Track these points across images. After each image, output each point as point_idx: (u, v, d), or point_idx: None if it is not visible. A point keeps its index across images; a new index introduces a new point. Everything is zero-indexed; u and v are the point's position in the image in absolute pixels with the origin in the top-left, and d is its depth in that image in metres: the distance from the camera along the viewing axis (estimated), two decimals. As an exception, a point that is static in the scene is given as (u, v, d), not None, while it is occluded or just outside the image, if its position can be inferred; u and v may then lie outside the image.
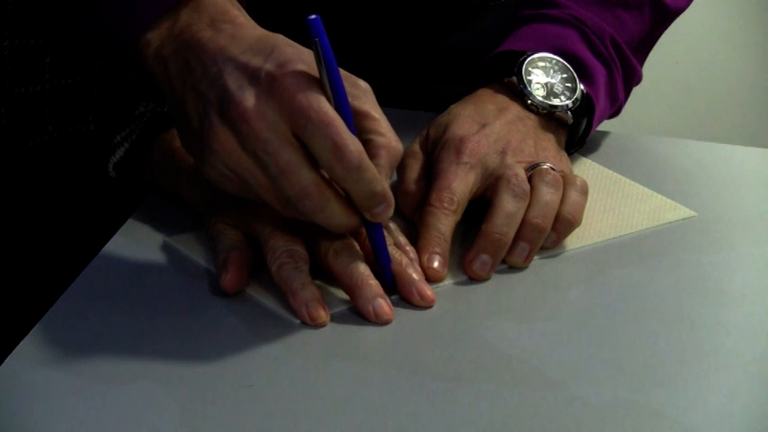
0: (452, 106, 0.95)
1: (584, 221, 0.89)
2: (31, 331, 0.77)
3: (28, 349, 0.76)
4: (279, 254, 0.80)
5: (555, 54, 0.97)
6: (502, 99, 0.95)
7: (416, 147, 0.93)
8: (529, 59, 0.96)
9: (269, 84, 0.77)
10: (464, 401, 0.73)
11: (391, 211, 0.80)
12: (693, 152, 1.05)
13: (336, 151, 0.76)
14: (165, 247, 0.87)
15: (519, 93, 0.95)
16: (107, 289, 0.82)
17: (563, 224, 0.87)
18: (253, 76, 0.78)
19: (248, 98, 0.77)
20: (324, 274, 0.82)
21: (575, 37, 0.98)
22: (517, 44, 0.98)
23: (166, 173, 0.91)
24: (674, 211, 0.93)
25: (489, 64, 0.98)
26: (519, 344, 0.78)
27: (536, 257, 0.87)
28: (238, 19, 0.82)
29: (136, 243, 0.86)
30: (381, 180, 0.79)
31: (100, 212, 0.97)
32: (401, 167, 0.93)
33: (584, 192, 0.89)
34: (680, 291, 0.85)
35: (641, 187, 0.96)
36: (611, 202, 0.94)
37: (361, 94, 0.81)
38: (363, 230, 0.82)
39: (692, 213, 0.93)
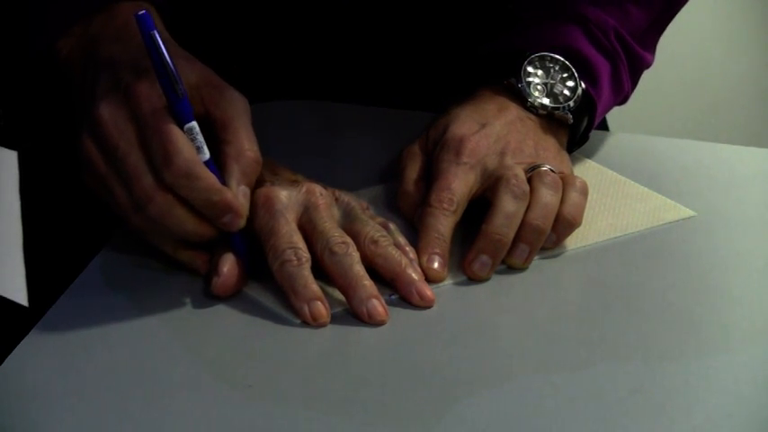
0: (452, 106, 0.95)
1: (584, 221, 0.89)
2: (31, 331, 0.77)
3: (28, 349, 0.76)
4: (280, 252, 0.80)
5: (556, 52, 0.96)
6: (502, 100, 0.95)
7: (416, 147, 0.93)
8: (528, 60, 0.96)
9: (125, 91, 0.80)
10: (464, 401, 0.73)
11: (241, 222, 0.80)
12: (693, 152, 1.05)
13: (165, 158, 0.78)
14: (165, 247, 0.87)
15: (518, 94, 0.95)
16: (107, 289, 0.82)
17: (563, 225, 0.87)
18: (116, 85, 0.80)
19: (105, 105, 0.80)
20: (324, 274, 0.82)
21: (577, 33, 0.98)
22: (518, 42, 0.98)
23: None
24: (674, 211, 0.93)
25: (489, 63, 0.98)
26: (519, 344, 0.78)
27: (536, 258, 0.87)
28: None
29: (136, 243, 0.86)
30: (222, 190, 0.79)
31: (100, 212, 0.97)
32: (401, 168, 0.93)
33: (584, 192, 0.89)
34: (680, 291, 0.85)
35: (641, 187, 0.96)
36: (611, 202, 0.94)
37: (223, 101, 0.82)
38: (363, 232, 0.83)
39: (692, 213, 0.93)
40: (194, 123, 0.80)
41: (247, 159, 0.81)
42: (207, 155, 0.80)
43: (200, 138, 0.80)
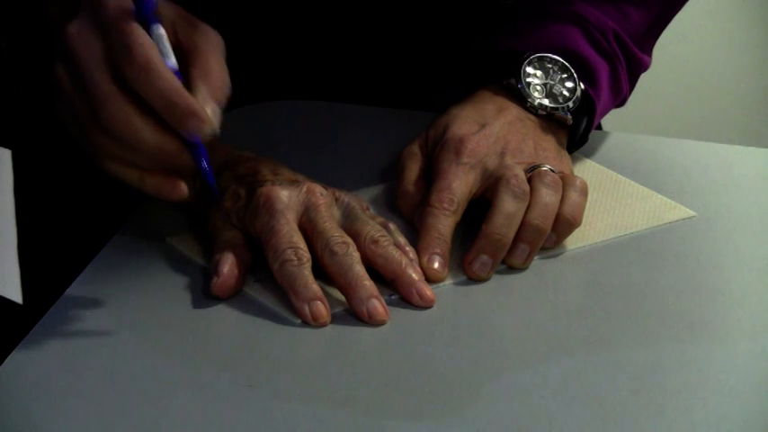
0: (452, 107, 0.95)
1: (584, 221, 0.89)
2: (32, 331, 0.77)
3: (28, 349, 0.76)
4: (281, 252, 0.80)
5: (556, 53, 0.97)
6: (501, 100, 0.95)
7: (415, 148, 0.94)
8: (528, 60, 0.96)
9: (95, 5, 0.78)
10: (464, 401, 0.73)
11: (205, 128, 0.77)
12: (693, 152, 1.05)
13: (123, 51, 0.76)
14: (165, 247, 0.87)
15: (518, 94, 0.95)
16: (107, 289, 0.82)
17: (563, 224, 0.87)
18: (88, 6, 0.79)
19: (75, 21, 0.78)
20: (324, 274, 0.82)
21: (576, 34, 0.98)
22: (517, 43, 0.98)
23: None
24: (674, 211, 0.93)
25: (488, 64, 0.98)
26: (519, 344, 0.78)
27: (536, 258, 0.87)
28: None
29: (136, 243, 0.86)
30: (183, 92, 0.77)
31: (100, 212, 0.97)
32: (400, 169, 0.93)
33: (584, 192, 0.89)
34: (680, 291, 0.85)
35: (641, 187, 0.96)
36: (611, 202, 0.94)
37: (195, 34, 0.81)
38: (363, 232, 0.83)
39: (692, 213, 0.93)
40: (159, 26, 0.79)
41: (215, 79, 0.80)
42: (172, 61, 0.78)
43: (167, 44, 0.79)
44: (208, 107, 0.78)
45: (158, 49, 0.78)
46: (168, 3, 0.82)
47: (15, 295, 1.03)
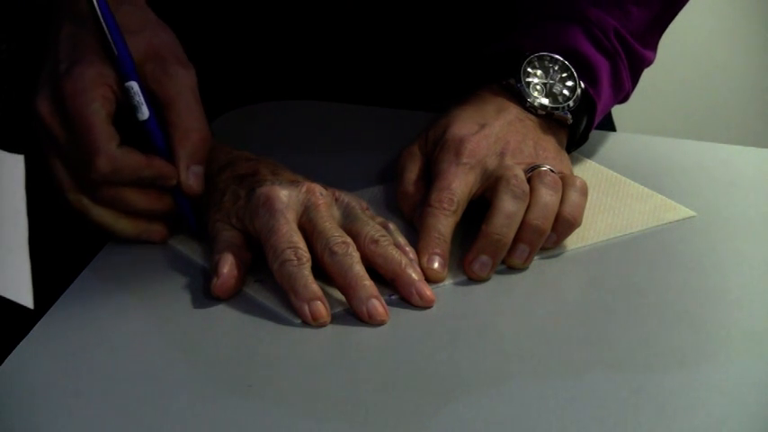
0: (451, 107, 0.95)
1: (584, 221, 0.89)
2: (32, 331, 0.77)
3: (28, 349, 0.76)
4: (280, 252, 0.80)
5: (556, 52, 0.96)
6: (501, 100, 0.95)
7: (415, 148, 0.93)
8: (528, 60, 0.96)
9: (57, 85, 0.83)
10: (463, 402, 0.73)
11: (171, 181, 0.84)
12: (693, 152, 1.05)
13: (87, 162, 0.82)
14: (165, 247, 0.87)
15: (517, 94, 0.95)
16: (107, 289, 0.82)
17: (563, 225, 0.87)
18: (52, 76, 0.84)
19: (42, 101, 0.84)
20: (324, 274, 0.82)
21: (577, 33, 0.98)
22: (517, 42, 0.98)
23: None
24: (674, 211, 0.93)
25: (488, 63, 0.98)
26: (519, 344, 0.78)
27: (536, 258, 0.87)
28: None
29: (136, 243, 0.86)
30: (150, 165, 0.83)
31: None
32: (400, 169, 0.93)
33: (584, 192, 0.89)
34: (680, 291, 0.85)
35: (641, 187, 0.96)
36: (611, 202, 0.94)
37: (165, 78, 0.84)
38: (363, 232, 0.83)
39: (692, 213, 0.93)
40: (133, 83, 0.83)
41: (192, 141, 0.84)
42: (146, 114, 0.83)
43: (139, 97, 0.83)
44: (189, 174, 0.84)
45: (134, 102, 0.83)
46: (137, 41, 0.85)
47: (27, 300, 1.03)
